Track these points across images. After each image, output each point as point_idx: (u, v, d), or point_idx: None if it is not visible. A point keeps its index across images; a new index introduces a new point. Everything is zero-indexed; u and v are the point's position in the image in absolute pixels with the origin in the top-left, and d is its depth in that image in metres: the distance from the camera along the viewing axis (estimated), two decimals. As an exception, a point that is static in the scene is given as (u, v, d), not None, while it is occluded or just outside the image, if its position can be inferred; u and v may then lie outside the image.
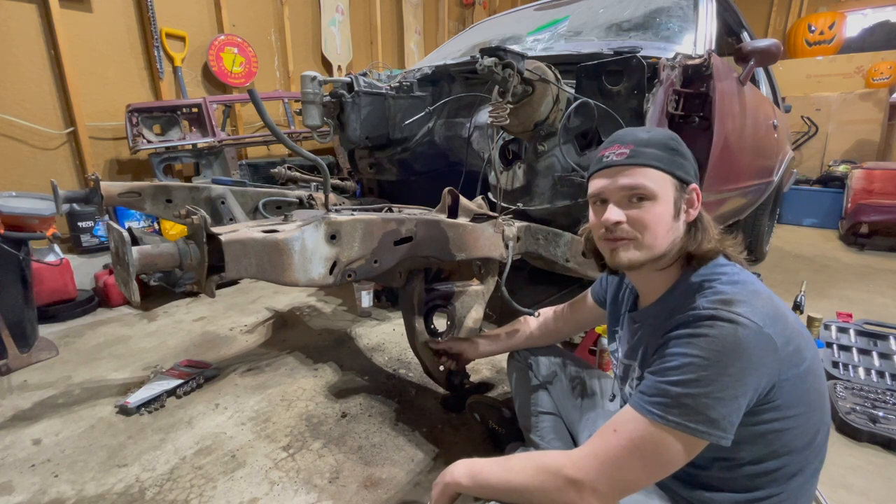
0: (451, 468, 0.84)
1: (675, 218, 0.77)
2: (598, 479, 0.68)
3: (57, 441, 1.47)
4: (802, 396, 0.70)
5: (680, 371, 0.66)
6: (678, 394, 0.65)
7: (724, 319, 0.66)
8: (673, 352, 0.69)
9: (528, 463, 0.76)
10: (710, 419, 0.64)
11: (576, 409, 1.16)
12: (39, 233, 2.00)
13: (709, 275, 0.75)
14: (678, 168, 0.76)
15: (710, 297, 0.70)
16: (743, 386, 0.64)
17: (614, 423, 0.71)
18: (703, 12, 1.80)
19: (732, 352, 0.64)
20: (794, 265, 3.38)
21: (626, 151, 0.77)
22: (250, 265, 0.91)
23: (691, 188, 0.78)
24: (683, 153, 0.78)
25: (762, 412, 0.68)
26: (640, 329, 0.86)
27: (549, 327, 1.24)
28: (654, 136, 0.78)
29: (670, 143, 0.78)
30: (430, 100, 2.08)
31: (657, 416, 0.66)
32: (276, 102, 3.64)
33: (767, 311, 0.67)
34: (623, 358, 0.93)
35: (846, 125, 5.04)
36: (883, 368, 1.77)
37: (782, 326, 0.68)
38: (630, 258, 0.78)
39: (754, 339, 0.64)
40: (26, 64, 2.56)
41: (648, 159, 0.75)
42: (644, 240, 0.76)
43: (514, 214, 1.57)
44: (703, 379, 0.64)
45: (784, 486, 0.72)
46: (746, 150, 2.04)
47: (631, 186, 0.76)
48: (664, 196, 0.75)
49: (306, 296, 2.74)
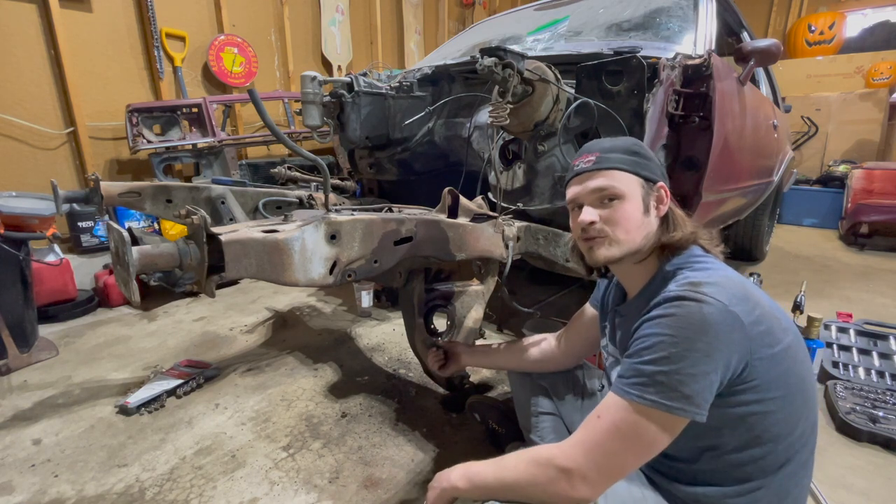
0: (447, 473, 0.85)
1: (644, 213, 0.83)
2: (586, 466, 0.70)
3: (57, 441, 1.47)
4: (781, 379, 0.72)
5: (651, 350, 0.70)
6: (652, 372, 0.69)
7: (691, 299, 0.70)
8: (644, 333, 0.72)
9: (521, 458, 0.78)
10: (685, 395, 0.67)
11: (576, 410, 1.16)
12: (39, 233, 2.00)
13: (681, 263, 0.81)
14: (643, 169, 0.83)
15: (681, 281, 0.75)
16: (713, 362, 0.67)
17: (598, 409, 0.74)
18: (703, 12, 1.80)
19: (699, 328, 0.67)
20: (794, 265, 3.38)
21: (592, 159, 0.84)
22: (250, 265, 0.91)
23: (658, 186, 0.85)
24: (646, 156, 0.85)
25: (739, 392, 0.71)
26: (625, 322, 0.89)
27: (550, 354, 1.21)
28: (616, 143, 0.86)
29: (633, 148, 0.85)
30: (430, 100, 2.07)
31: (635, 396, 0.69)
32: (276, 102, 3.64)
33: (735, 292, 0.71)
34: (611, 350, 0.97)
35: (846, 125, 5.05)
36: (883, 368, 1.77)
37: (751, 307, 0.71)
38: (606, 254, 0.84)
39: (719, 315, 0.67)
40: (26, 64, 2.56)
41: (614, 163, 0.83)
42: (617, 236, 0.82)
43: (514, 214, 1.57)
44: (672, 356, 0.68)
45: (773, 476, 0.73)
46: (746, 150, 2.03)
47: (600, 188, 0.83)
48: (631, 194, 0.82)
49: (306, 296, 2.74)
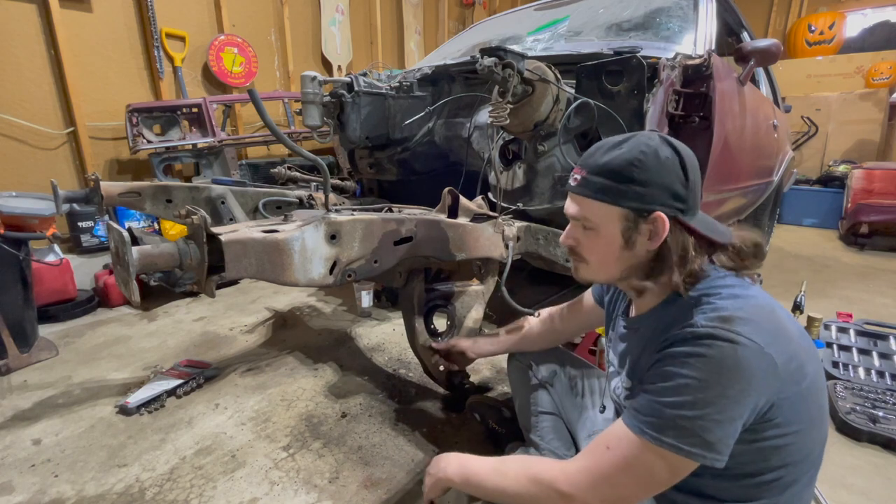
0: (443, 463, 0.86)
1: (624, 247, 0.75)
2: (589, 495, 0.69)
3: (57, 441, 1.47)
4: (804, 413, 0.68)
5: (676, 392, 0.64)
6: (673, 416, 0.64)
7: (724, 339, 0.63)
8: (669, 371, 0.66)
9: (522, 470, 0.76)
10: (706, 442, 0.62)
11: (576, 409, 1.16)
12: (39, 233, 2.00)
13: (707, 289, 0.71)
14: (632, 199, 0.71)
15: (710, 313, 0.67)
16: (741, 408, 0.62)
17: (607, 439, 0.71)
18: (703, 12, 1.80)
19: (732, 373, 0.61)
20: (794, 265, 3.38)
21: (578, 178, 0.77)
22: (250, 265, 0.91)
23: (653, 217, 0.71)
24: (643, 180, 0.71)
25: (762, 430, 0.66)
26: (631, 337, 0.85)
27: (550, 328, 1.23)
28: (611, 160, 0.73)
29: (626, 172, 0.71)
30: (430, 100, 2.07)
31: (650, 436, 0.65)
32: (276, 102, 3.64)
33: (769, 329, 0.65)
34: (611, 358, 0.93)
35: (846, 125, 5.04)
36: (883, 368, 1.77)
37: (785, 344, 0.65)
38: (583, 276, 0.83)
39: (755, 360, 0.62)
40: (26, 64, 2.56)
41: (593, 191, 0.74)
42: (590, 265, 0.80)
43: (514, 214, 1.57)
44: (699, 401, 0.62)
45: (779, 496, 0.71)
46: (746, 150, 2.03)
47: (574, 216, 0.79)
48: (606, 229, 0.75)
49: (306, 296, 2.74)
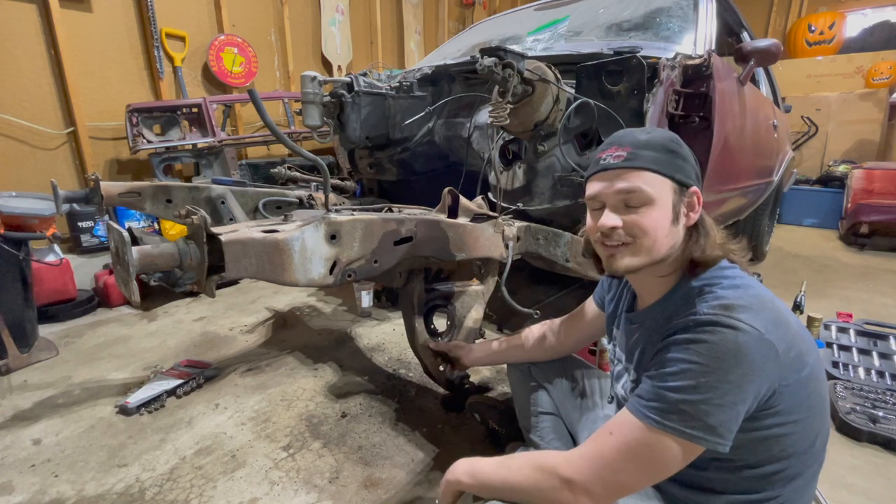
0: (453, 466, 0.85)
1: (673, 222, 0.74)
2: (592, 480, 0.69)
3: (57, 441, 1.47)
4: (804, 401, 0.69)
5: (679, 377, 0.65)
6: (676, 400, 0.65)
7: (725, 325, 0.64)
8: (672, 357, 0.67)
9: (526, 462, 0.77)
10: (709, 426, 0.63)
11: (576, 409, 1.16)
12: (39, 233, 2.00)
13: (710, 278, 0.74)
14: (678, 171, 0.74)
15: (711, 301, 0.69)
16: (743, 393, 0.63)
17: (611, 425, 0.71)
18: (703, 12, 1.80)
19: (733, 358, 0.63)
20: (794, 265, 3.38)
21: (623, 154, 0.74)
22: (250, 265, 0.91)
23: (692, 191, 0.75)
24: (684, 155, 0.75)
25: (763, 418, 0.67)
26: (637, 331, 0.85)
27: (549, 342, 1.21)
28: (653, 137, 0.75)
29: (670, 146, 0.75)
30: (430, 100, 2.07)
31: (654, 420, 0.66)
32: (276, 102, 3.64)
33: (769, 317, 0.66)
34: (618, 358, 0.93)
35: (846, 125, 5.04)
36: (883, 368, 1.77)
37: (784, 332, 0.67)
38: (627, 264, 0.76)
39: (755, 345, 0.63)
40: (26, 64, 2.56)
41: (646, 162, 0.73)
42: (641, 245, 0.74)
43: (514, 214, 1.57)
44: (702, 385, 0.63)
45: (782, 489, 0.72)
46: (746, 150, 2.03)
47: (627, 190, 0.73)
48: (662, 200, 0.73)
49: (306, 296, 2.74)
